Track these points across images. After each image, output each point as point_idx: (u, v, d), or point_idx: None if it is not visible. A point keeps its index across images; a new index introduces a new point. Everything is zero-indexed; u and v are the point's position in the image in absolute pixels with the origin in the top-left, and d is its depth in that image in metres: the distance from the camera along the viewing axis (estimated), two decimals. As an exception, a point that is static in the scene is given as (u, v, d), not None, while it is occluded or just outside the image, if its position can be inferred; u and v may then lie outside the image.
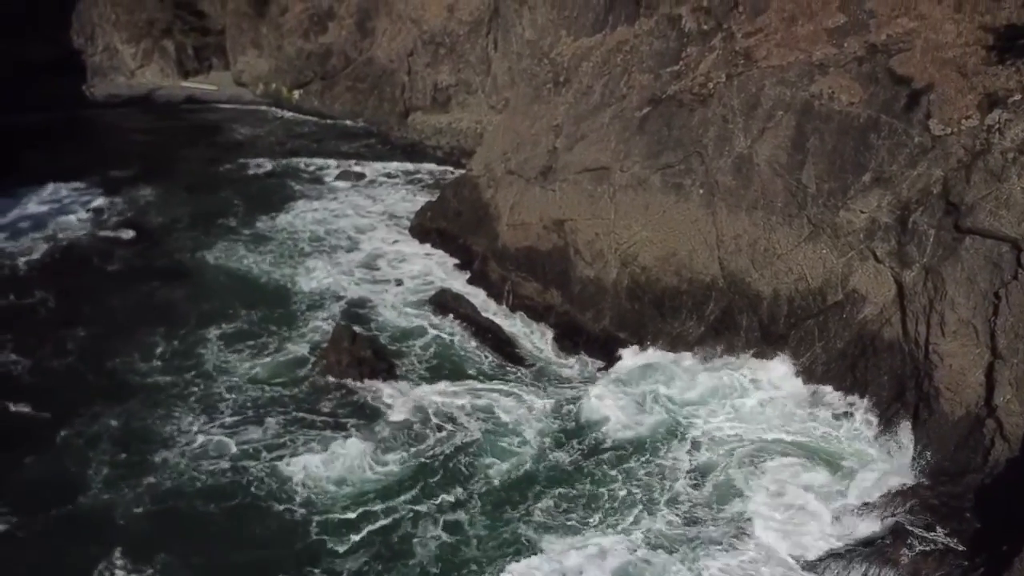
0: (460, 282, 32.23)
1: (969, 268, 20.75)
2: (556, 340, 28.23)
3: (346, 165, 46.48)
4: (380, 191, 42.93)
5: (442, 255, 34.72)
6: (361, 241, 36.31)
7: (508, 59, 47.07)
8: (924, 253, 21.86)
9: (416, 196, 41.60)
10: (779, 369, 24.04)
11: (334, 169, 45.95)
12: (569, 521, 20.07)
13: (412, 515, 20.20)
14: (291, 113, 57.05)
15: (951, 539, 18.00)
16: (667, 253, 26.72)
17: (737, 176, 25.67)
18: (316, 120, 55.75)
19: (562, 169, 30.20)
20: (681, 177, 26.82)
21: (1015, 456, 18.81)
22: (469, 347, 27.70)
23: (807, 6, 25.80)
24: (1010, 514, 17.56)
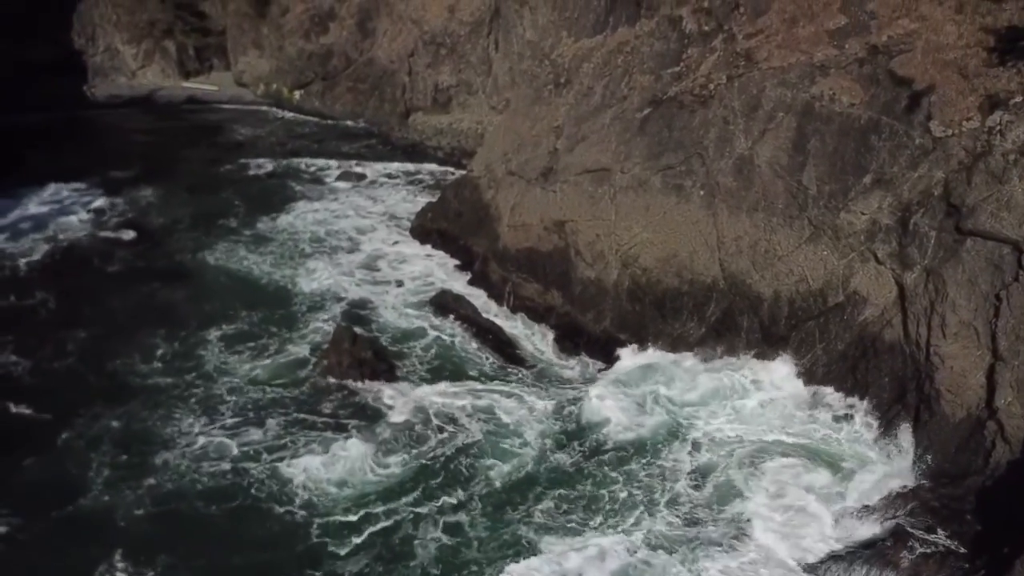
0: (461, 283, 32.21)
1: (970, 270, 20.73)
2: (557, 341, 28.20)
3: (347, 166, 46.42)
4: (381, 192, 42.91)
5: (443, 256, 34.67)
6: (362, 242, 36.27)
7: (509, 60, 47.01)
8: (925, 255, 21.84)
9: (417, 197, 41.56)
10: (780, 370, 23.99)
11: (335, 170, 45.89)
12: (569, 523, 20.05)
13: (413, 517, 20.18)
14: (292, 114, 57.01)
15: (952, 541, 17.97)
16: (668, 254, 26.71)
17: (738, 177, 25.66)
18: (317, 121, 55.71)
19: (563, 170, 30.19)
20: (682, 178, 26.81)
21: (1016, 458, 18.78)
22: (470, 348, 27.69)
23: (808, 7, 25.80)
24: (1011, 516, 17.54)
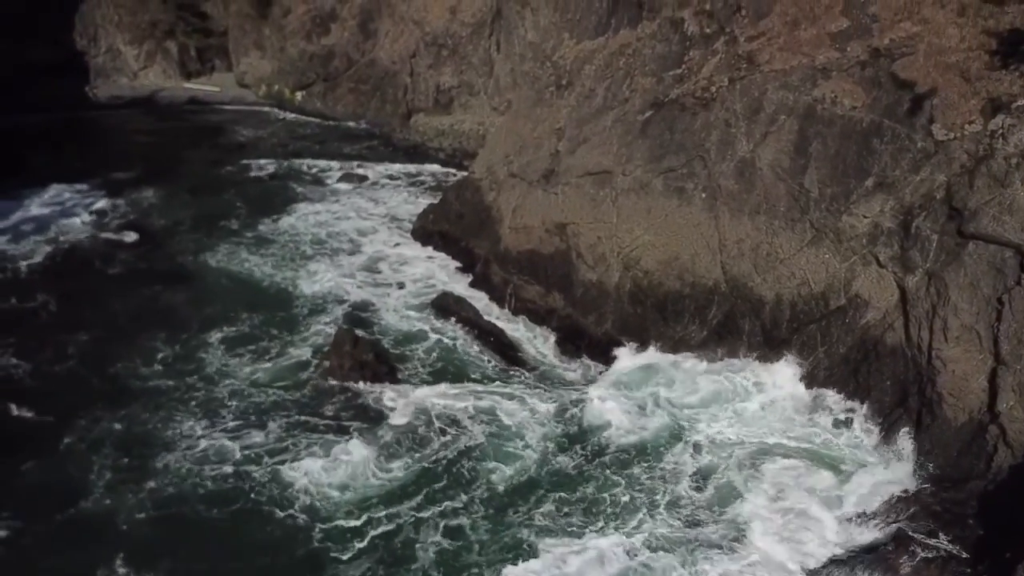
0: (462, 285, 32.18)
1: (972, 273, 20.71)
2: (558, 344, 28.17)
3: (348, 167, 46.42)
4: (382, 193, 42.90)
5: (444, 258, 34.65)
6: (363, 244, 36.26)
7: (510, 61, 46.97)
8: (927, 258, 21.82)
9: (418, 198, 41.57)
10: (781, 373, 23.98)
11: (336, 171, 45.90)
12: (570, 525, 20.04)
13: (414, 520, 20.15)
14: (293, 115, 57.07)
15: (954, 546, 17.95)
16: (669, 257, 26.69)
17: (739, 180, 25.65)
18: (318, 122, 55.74)
19: (564, 172, 30.18)
20: (683, 181, 26.80)
21: (1018, 463, 18.77)
22: (471, 351, 27.67)
23: (810, 10, 25.78)
24: (1013, 521, 17.53)
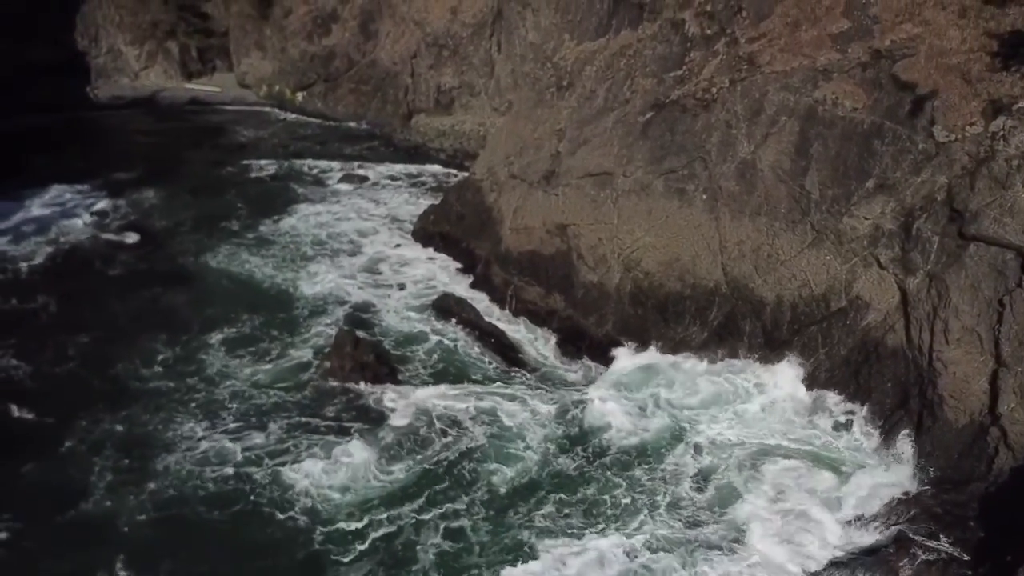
0: (463, 286, 32.16)
1: (973, 275, 20.69)
2: (559, 345, 28.14)
3: (349, 168, 46.42)
4: (383, 194, 42.89)
5: (445, 259, 34.62)
6: (364, 245, 36.24)
7: (511, 61, 46.99)
8: (928, 260, 21.80)
9: (419, 199, 41.56)
10: (782, 375, 23.94)
11: (337, 172, 45.88)
12: (571, 527, 20.02)
13: (415, 522, 20.13)
14: (294, 115, 57.10)
15: (955, 548, 17.92)
16: (670, 258, 26.68)
17: (740, 182, 25.63)
18: (319, 122, 55.76)
19: (565, 173, 30.16)
20: (684, 182, 26.79)
21: (1019, 464, 18.76)
22: (472, 352, 27.66)
23: (811, 11, 25.75)
24: (1014, 523, 17.51)
